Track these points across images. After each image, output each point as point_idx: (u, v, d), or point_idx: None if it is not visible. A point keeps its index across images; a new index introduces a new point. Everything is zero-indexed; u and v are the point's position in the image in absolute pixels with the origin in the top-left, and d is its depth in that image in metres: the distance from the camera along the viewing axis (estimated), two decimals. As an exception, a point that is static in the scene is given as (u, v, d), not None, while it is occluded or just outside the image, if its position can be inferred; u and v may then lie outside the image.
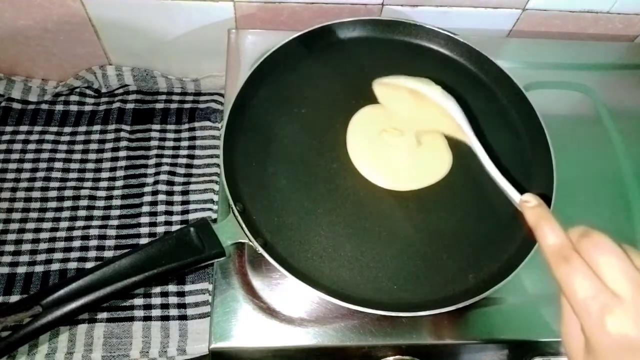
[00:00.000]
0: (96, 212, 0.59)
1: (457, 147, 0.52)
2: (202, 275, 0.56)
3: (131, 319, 0.53)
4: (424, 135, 0.52)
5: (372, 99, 0.54)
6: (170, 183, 0.62)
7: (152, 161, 0.63)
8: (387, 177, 0.50)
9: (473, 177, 0.51)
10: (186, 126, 0.67)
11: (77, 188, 0.61)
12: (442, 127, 0.52)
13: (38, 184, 0.61)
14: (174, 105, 0.68)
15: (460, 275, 0.46)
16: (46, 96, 0.67)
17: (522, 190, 0.50)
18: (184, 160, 0.64)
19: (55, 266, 0.56)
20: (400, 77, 0.53)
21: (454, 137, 0.51)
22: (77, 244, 0.57)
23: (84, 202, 0.60)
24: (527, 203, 0.37)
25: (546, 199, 0.48)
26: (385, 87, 0.53)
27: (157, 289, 0.55)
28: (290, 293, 0.46)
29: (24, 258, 0.56)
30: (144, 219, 0.59)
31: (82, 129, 0.65)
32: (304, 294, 0.46)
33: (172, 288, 0.55)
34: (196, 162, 0.64)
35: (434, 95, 0.51)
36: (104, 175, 0.62)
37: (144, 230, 0.59)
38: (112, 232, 0.58)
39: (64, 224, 0.58)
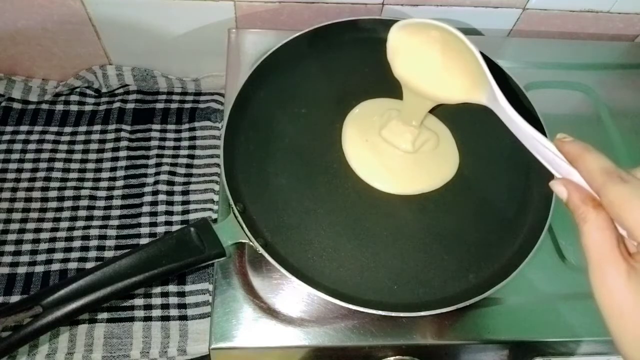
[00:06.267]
0: (96, 212, 0.60)
1: (459, 147, 0.52)
2: (202, 276, 0.56)
3: (131, 319, 0.53)
4: (430, 139, 0.52)
5: (372, 98, 0.54)
6: (170, 183, 0.62)
7: (152, 161, 0.63)
8: (387, 182, 0.50)
9: (474, 177, 0.51)
10: (186, 126, 0.67)
11: (78, 188, 0.61)
12: (456, 84, 0.44)
13: (38, 184, 0.61)
14: (174, 105, 0.68)
15: (460, 275, 0.46)
16: (46, 96, 0.67)
17: (523, 188, 0.51)
18: (184, 160, 0.64)
19: (55, 266, 0.56)
20: (421, 19, 0.44)
21: (466, 100, 0.44)
22: (77, 244, 0.57)
23: (84, 202, 0.60)
24: (566, 138, 0.33)
25: (546, 199, 0.48)
26: (406, 32, 0.45)
27: (158, 289, 0.55)
28: (291, 293, 0.46)
29: (24, 258, 0.56)
30: (145, 219, 0.59)
31: (83, 128, 0.65)
32: (304, 294, 0.46)
33: (172, 288, 0.55)
34: (196, 162, 0.64)
35: (451, 29, 0.42)
36: (104, 175, 0.62)
37: (145, 230, 0.59)
38: (112, 232, 0.58)
39: (64, 224, 0.58)
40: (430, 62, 0.44)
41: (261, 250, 0.43)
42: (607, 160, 0.30)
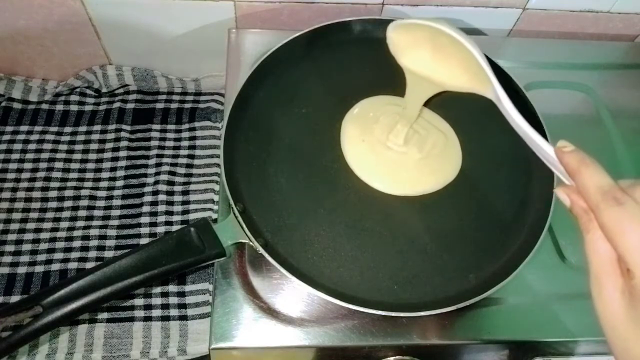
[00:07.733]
0: (96, 212, 0.59)
1: (461, 147, 0.52)
2: (202, 276, 0.56)
3: (131, 319, 0.53)
4: (438, 142, 0.52)
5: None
6: (170, 183, 0.62)
7: (152, 161, 0.63)
8: (386, 183, 0.49)
9: (474, 177, 0.51)
10: (186, 126, 0.67)
11: (78, 188, 0.61)
12: (461, 79, 0.44)
13: (38, 184, 0.61)
14: (174, 105, 0.68)
15: (460, 275, 0.46)
16: (46, 96, 0.67)
17: (523, 188, 0.51)
18: (184, 160, 0.64)
19: (55, 266, 0.56)
20: (419, 19, 0.44)
21: (471, 91, 0.44)
22: (77, 244, 0.57)
23: (84, 202, 0.60)
24: (566, 148, 0.33)
25: (546, 199, 0.48)
26: (400, 32, 0.45)
27: (158, 289, 0.55)
28: (291, 293, 0.46)
29: (25, 258, 0.56)
30: (145, 219, 0.59)
31: (83, 128, 0.65)
32: (304, 294, 0.46)
33: (172, 288, 0.55)
34: (196, 162, 0.64)
35: (454, 33, 0.41)
36: (105, 175, 0.62)
37: (145, 230, 0.59)
38: (112, 232, 0.58)
39: (64, 224, 0.58)
40: (433, 56, 0.44)
41: (261, 250, 0.43)
42: (604, 177, 0.30)
